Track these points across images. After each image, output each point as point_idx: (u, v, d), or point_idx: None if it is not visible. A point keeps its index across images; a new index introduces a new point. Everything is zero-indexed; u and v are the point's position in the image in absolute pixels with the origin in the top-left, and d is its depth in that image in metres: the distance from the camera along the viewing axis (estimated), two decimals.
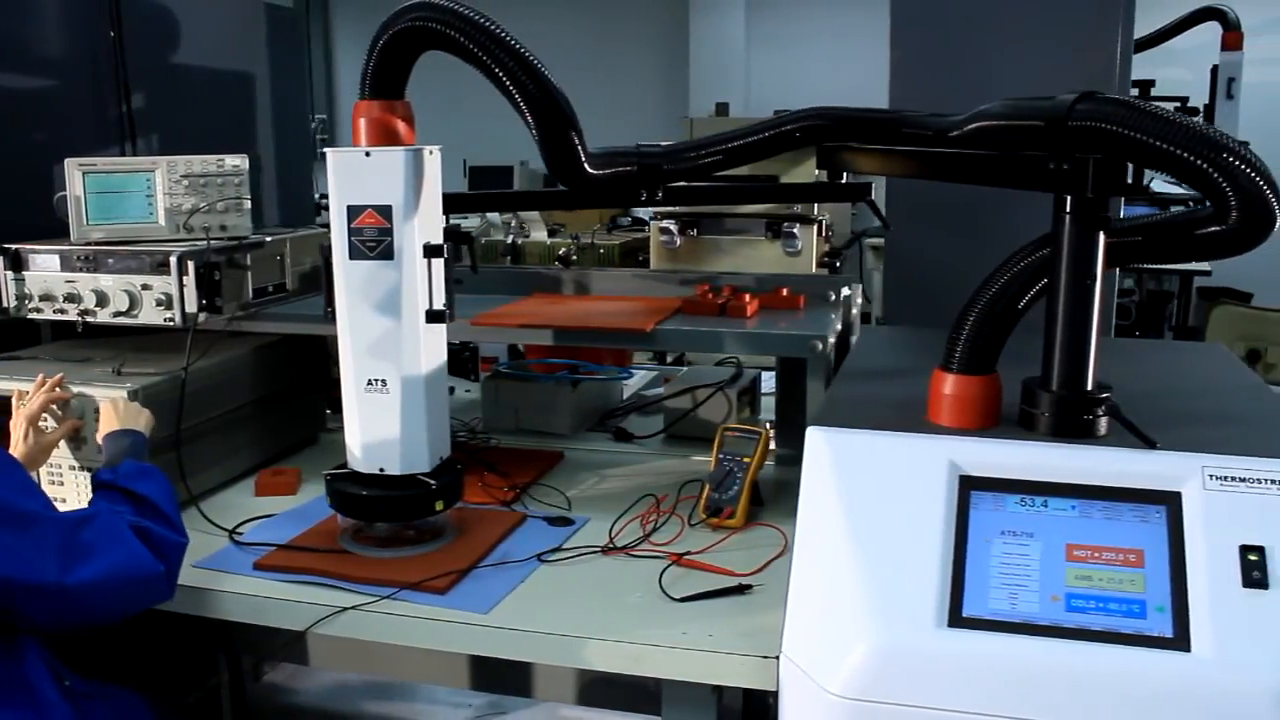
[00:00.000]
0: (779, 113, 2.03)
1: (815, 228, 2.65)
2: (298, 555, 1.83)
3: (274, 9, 3.43)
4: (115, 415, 1.88)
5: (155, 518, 1.63)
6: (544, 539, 1.91)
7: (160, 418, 1.98)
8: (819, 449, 1.46)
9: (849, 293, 2.35)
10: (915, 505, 1.39)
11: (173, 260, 2.11)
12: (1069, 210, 1.41)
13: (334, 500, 1.86)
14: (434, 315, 1.77)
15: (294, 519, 2.03)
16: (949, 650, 1.30)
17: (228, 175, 2.29)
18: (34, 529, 1.48)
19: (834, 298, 2.32)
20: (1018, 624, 1.30)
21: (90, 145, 2.67)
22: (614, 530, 1.93)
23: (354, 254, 1.75)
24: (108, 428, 1.86)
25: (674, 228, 2.64)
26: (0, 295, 2.23)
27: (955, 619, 1.31)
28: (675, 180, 1.96)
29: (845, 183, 2.14)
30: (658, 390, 2.83)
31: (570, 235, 3.64)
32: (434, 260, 1.76)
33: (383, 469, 1.81)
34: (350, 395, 1.81)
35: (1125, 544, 1.34)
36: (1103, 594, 1.31)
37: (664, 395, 2.61)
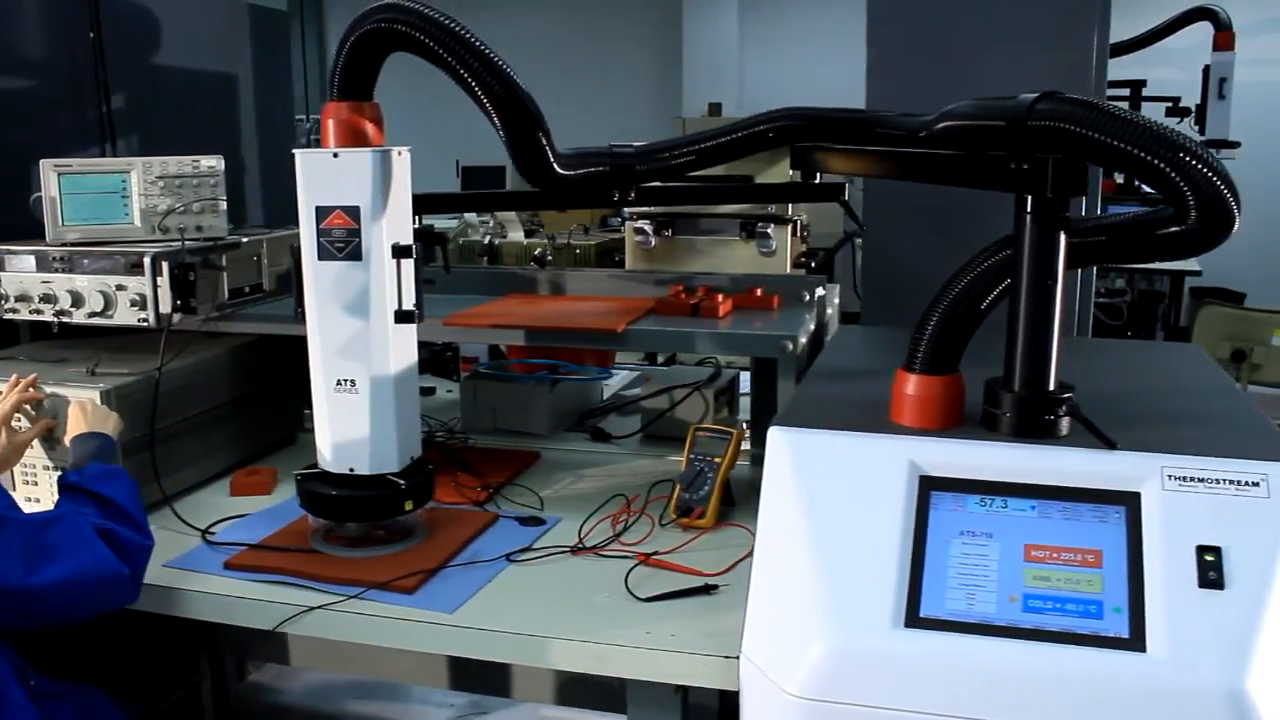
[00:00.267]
0: None
1: (790, 228, 2.65)
2: (267, 555, 1.83)
3: (258, 10, 3.43)
4: (83, 418, 1.88)
5: (120, 520, 1.64)
6: (514, 539, 1.92)
7: (134, 418, 1.98)
8: (780, 449, 1.46)
9: (823, 293, 2.34)
10: (875, 506, 1.39)
11: (147, 261, 2.11)
12: (1029, 210, 1.40)
13: (304, 500, 1.87)
14: (403, 316, 1.77)
15: (267, 519, 2.03)
16: (906, 651, 1.30)
17: (203, 176, 2.29)
18: None
19: (808, 298, 2.32)
20: (974, 624, 1.30)
21: (70, 146, 2.67)
22: (584, 530, 1.93)
23: (322, 255, 1.75)
24: (75, 430, 1.86)
25: (649, 228, 2.64)
26: None
27: (912, 619, 1.31)
28: (648, 180, 1.96)
29: (819, 183, 2.14)
30: (637, 391, 2.83)
31: (546, 236, 3.64)
32: (403, 261, 1.76)
33: (352, 469, 1.82)
34: (320, 395, 1.81)
35: (1084, 544, 1.33)
36: (1060, 594, 1.31)
37: (641, 395, 2.61)
